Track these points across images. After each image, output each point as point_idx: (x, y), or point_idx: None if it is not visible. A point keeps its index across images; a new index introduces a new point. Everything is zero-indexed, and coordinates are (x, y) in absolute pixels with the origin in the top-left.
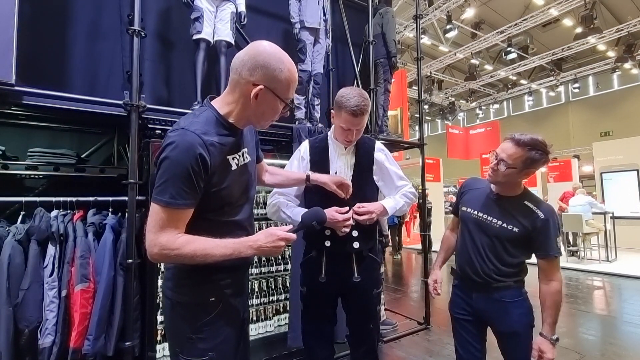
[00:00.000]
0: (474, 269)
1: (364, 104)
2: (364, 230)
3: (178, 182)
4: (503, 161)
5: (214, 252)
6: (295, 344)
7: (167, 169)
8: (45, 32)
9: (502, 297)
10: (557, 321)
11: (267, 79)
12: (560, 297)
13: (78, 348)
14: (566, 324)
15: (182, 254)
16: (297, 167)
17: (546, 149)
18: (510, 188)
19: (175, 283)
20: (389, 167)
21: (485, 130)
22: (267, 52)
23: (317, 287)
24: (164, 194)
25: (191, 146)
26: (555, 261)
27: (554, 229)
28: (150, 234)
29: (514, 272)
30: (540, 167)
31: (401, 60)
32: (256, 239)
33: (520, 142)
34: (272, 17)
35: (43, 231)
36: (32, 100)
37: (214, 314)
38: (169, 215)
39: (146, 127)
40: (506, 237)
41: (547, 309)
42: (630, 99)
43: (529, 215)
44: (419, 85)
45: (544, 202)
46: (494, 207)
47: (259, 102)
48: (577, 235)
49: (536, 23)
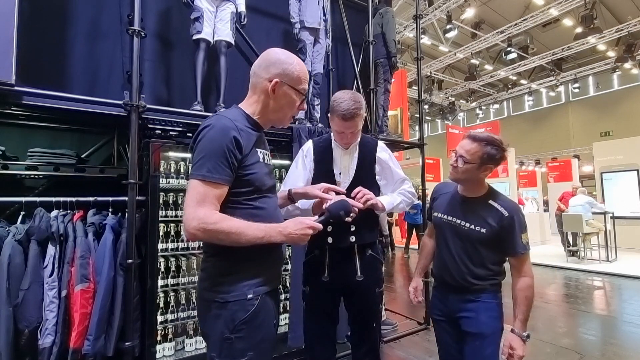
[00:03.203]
0: (449, 273)
1: (354, 107)
2: (361, 224)
3: (214, 157)
4: (462, 157)
5: (248, 232)
6: (296, 344)
7: (204, 147)
8: (45, 32)
9: (476, 297)
10: (528, 317)
11: (280, 73)
12: (532, 293)
13: (78, 348)
14: (566, 324)
15: (219, 229)
16: (301, 165)
17: (502, 146)
18: (474, 188)
19: (212, 282)
20: (391, 167)
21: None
22: (277, 52)
23: (320, 286)
24: (202, 169)
25: (226, 127)
26: (524, 257)
27: (520, 225)
28: (189, 207)
29: (489, 274)
30: (498, 163)
31: (401, 60)
32: (285, 225)
33: (477, 138)
34: (272, 17)
35: (43, 231)
36: (32, 101)
37: (251, 311)
38: (207, 190)
39: (146, 127)
40: (476, 239)
41: (519, 304)
42: (631, 99)
43: (494, 215)
44: (419, 85)
45: (509, 199)
46: (461, 209)
47: (276, 96)
48: (577, 235)
49: (536, 23)
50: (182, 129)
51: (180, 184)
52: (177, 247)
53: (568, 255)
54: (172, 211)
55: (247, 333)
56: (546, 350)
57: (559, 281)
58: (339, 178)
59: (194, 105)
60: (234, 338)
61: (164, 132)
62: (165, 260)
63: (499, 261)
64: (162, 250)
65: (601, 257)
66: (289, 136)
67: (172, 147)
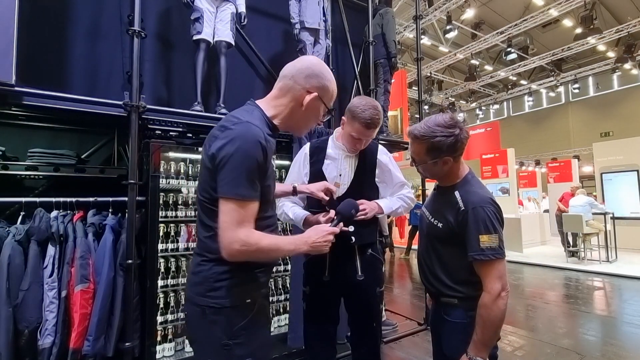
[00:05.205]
0: (422, 276)
1: (377, 117)
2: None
3: (249, 173)
4: (414, 160)
5: (282, 247)
6: (296, 344)
7: (239, 162)
8: (46, 32)
9: (446, 315)
10: (486, 341)
11: (319, 87)
12: (489, 312)
13: (78, 349)
14: (566, 325)
15: (260, 248)
16: (302, 164)
17: (450, 128)
18: (446, 178)
19: (208, 287)
20: (391, 169)
21: (486, 130)
22: (320, 64)
23: (321, 286)
24: (238, 187)
25: (258, 139)
26: (483, 266)
27: (476, 223)
28: (229, 231)
29: (455, 282)
30: (456, 148)
31: (401, 60)
32: (309, 235)
33: (417, 136)
34: (272, 17)
35: (43, 232)
36: (32, 101)
37: (250, 316)
38: (245, 209)
39: (146, 127)
40: (434, 235)
41: (476, 324)
42: (630, 100)
43: (452, 207)
44: (419, 86)
45: (477, 191)
46: (432, 200)
47: (307, 107)
48: (577, 236)
49: (536, 23)
50: (182, 130)
51: (180, 184)
52: (177, 247)
53: (568, 255)
54: (172, 211)
55: (245, 339)
56: (546, 351)
57: (559, 282)
58: (339, 180)
59: (194, 105)
60: (233, 344)
61: (164, 132)
62: (165, 261)
63: (465, 267)
64: (162, 250)
65: (601, 258)
66: (289, 136)
67: (172, 148)
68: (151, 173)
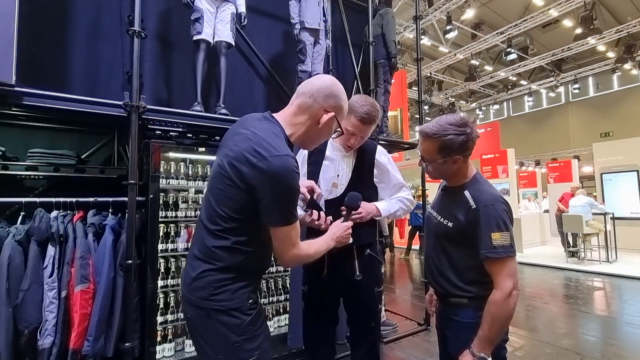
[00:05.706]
0: (430, 276)
1: (374, 114)
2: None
3: (294, 202)
4: (424, 159)
5: (320, 247)
6: (296, 344)
7: (286, 194)
8: (46, 33)
9: (454, 315)
10: (492, 338)
11: (336, 107)
12: (499, 310)
13: (78, 349)
14: (566, 325)
15: (310, 255)
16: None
17: (462, 127)
18: (454, 178)
19: (211, 292)
20: (390, 170)
21: (486, 130)
22: (337, 85)
23: (320, 286)
24: (289, 215)
25: (295, 169)
26: (495, 264)
27: (487, 221)
28: (288, 252)
29: (465, 282)
30: (467, 147)
31: (401, 61)
32: (334, 232)
33: (427, 134)
34: (272, 17)
35: (43, 232)
36: (32, 101)
37: (253, 314)
38: (295, 230)
39: (146, 127)
40: (443, 234)
41: (483, 320)
42: (631, 100)
43: (463, 206)
44: (419, 86)
45: (487, 190)
46: (440, 200)
47: (322, 126)
48: (577, 236)
49: (536, 24)
50: (182, 130)
51: (180, 185)
52: (177, 247)
53: (568, 256)
54: (172, 212)
55: (252, 334)
56: (546, 351)
57: (559, 282)
58: (336, 180)
59: (194, 105)
60: (241, 340)
61: (164, 132)
62: (165, 261)
63: (475, 266)
64: (162, 250)
65: (601, 258)
66: None
67: (172, 148)
68: (151, 173)
